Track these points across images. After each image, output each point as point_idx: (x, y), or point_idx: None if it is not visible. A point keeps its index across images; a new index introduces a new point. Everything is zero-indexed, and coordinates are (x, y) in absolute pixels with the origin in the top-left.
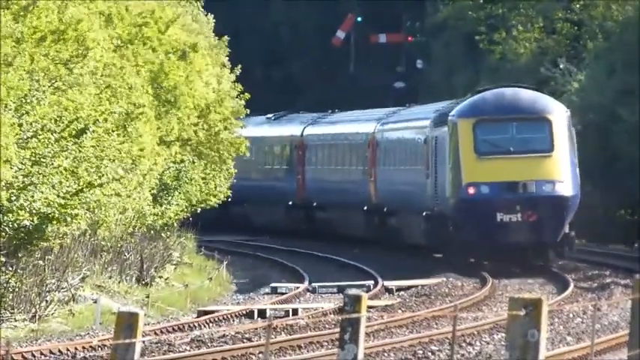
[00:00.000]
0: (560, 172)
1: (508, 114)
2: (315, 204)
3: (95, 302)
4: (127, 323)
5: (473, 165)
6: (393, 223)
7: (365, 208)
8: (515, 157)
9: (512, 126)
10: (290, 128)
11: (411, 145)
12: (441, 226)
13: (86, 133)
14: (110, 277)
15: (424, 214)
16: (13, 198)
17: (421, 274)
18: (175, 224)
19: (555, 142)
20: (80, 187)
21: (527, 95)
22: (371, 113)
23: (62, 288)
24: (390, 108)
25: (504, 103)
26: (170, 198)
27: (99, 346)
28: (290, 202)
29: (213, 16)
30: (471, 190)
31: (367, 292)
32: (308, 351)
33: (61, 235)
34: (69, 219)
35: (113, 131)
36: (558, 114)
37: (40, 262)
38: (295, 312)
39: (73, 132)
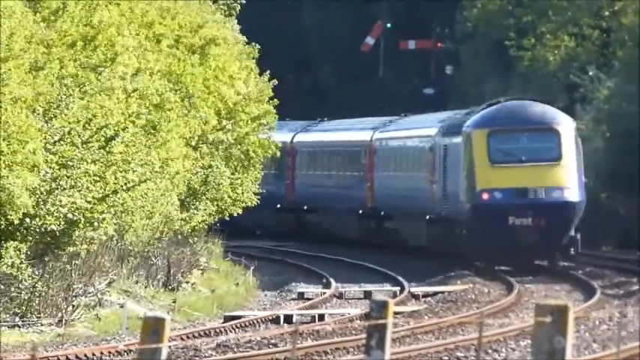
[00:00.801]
0: (568, 179)
1: (519, 125)
2: (305, 207)
3: (122, 307)
4: (153, 328)
5: (487, 172)
6: (392, 226)
7: (360, 211)
8: (526, 166)
9: (523, 136)
10: (280, 135)
11: (414, 152)
12: (449, 229)
13: (115, 139)
14: (137, 282)
15: (427, 217)
16: (40, 202)
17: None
18: (203, 229)
19: (563, 152)
20: (107, 193)
21: (536, 108)
22: (366, 122)
23: (89, 293)
24: (384, 117)
25: (516, 115)
26: (198, 203)
27: (125, 351)
28: (279, 205)
29: (236, 20)
30: (485, 196)
31: (393, 297)
32: (334, 357)
33: (88, 240)
34: (96, 223)
35: (142, 136)
36: (565, 125)
37: (67, 266)
38: (322, 317)
39: (102, 139)
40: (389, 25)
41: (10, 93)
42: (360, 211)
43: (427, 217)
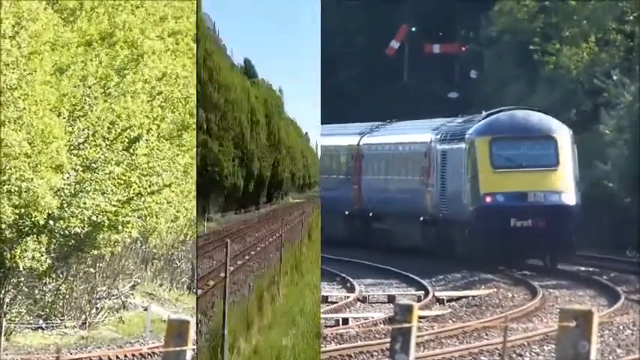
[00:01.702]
0: (565, 184)
1: (520, 133)
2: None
3: (145, 310)
4: (177, 331)
5: (489, 177)
6: (381, 227)
7: (347, 212)
8: (526, 171)
9: (523, 144)
10: None
11: (407, 157)
12: (446, 230)
13: (139, 141)
14: (161, 285)
15: (422, 219)
16: (65, 205)
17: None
18: None
19: (560, 158)
20: (131, 196)
21: (535, 117)
22: (351, 127)
23: (113, 295)
24: (371, 122)
25: (516, 124)
26: None
27: (149, 354)
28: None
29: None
30: (488, 199)
31: (418, 302)
32: None
33: (112, 243)
34: (120, 226)
35: (166, 139)
36: (563, 133)
37: (91, 269)
38: (345, 321)
39: (126, 140)
40: (413, 28)
41: (34, 96)
42: (347, 212)
43: (421, 218)
